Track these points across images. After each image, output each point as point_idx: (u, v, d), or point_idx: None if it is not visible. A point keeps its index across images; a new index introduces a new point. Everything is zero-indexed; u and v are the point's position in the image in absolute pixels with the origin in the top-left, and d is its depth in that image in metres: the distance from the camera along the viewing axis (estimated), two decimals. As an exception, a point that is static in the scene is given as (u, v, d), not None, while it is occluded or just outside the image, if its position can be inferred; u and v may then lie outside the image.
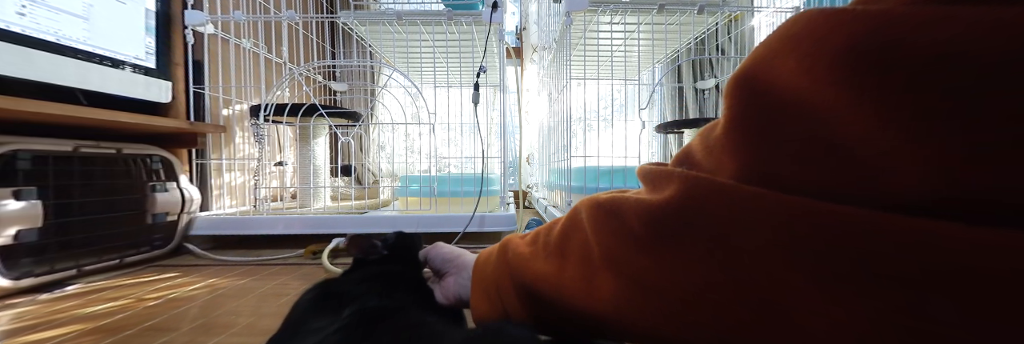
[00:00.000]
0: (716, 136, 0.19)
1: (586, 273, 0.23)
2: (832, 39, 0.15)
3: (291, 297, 0.63)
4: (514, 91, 2.05)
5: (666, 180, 0.21)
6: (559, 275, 0.25)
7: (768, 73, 0.17)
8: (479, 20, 1.11)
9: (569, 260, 0.25)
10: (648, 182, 0.23)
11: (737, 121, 0.18)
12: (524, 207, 1.99)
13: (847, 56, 0.14)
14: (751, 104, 0.18)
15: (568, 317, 0.25)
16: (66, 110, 0.69)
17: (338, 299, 0.31)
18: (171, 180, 0.92)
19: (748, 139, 0.18)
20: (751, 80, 0.18)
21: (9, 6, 0.67)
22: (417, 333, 0.26)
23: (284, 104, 1.05)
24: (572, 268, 0.25)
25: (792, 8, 1.23)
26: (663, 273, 0.19)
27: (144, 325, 0.51)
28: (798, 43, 0.16)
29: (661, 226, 0.20)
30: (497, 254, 0.32)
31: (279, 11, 1.44)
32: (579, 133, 1.53)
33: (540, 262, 0.27)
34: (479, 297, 0.32)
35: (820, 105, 0.15)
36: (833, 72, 0.15)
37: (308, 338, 0.27)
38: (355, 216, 1.04)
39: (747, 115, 0.18)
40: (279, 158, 1.43)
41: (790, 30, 0.17)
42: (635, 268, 0.21)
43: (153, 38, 0.94)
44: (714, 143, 0.20)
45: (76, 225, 0.73)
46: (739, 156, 0.18)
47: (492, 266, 0.32)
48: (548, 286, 0.26)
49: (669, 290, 0.19)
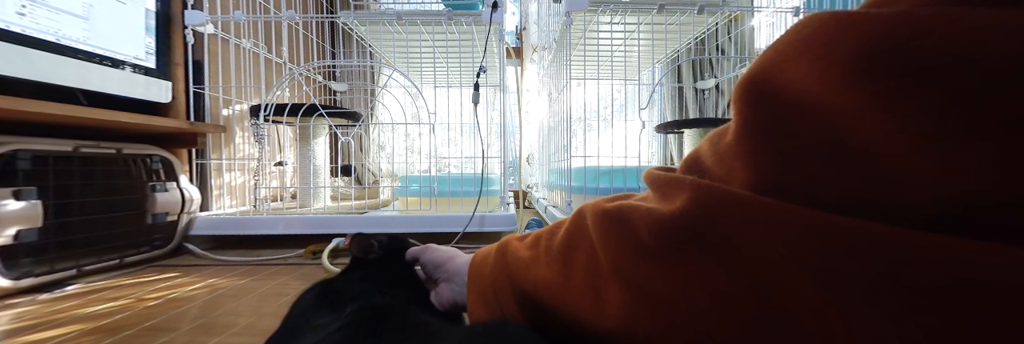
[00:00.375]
0: (727, 143, 0.19)
1: (593, 283, 0.23)
2: (845, 42, 0.15)
3: (291, 297, 0.63)
4: (514, 91, 2.05)
5: (677, 188, 0.20)
6: (565, 284, 0.25)
7: (779, 77, 0.17)
8: (479, 20, 1.11)
9: (574, 269, 0.24)
10: (657, 189, 0.22)
11: (749, 127, 0.18)
12: (524, 207, 1.99)
13: (861, 60, 0.14)
14: (762, 110, 0.17)
15: (570, 326, 0.25)
16: (66, 110, 0.69)
17: (339, 297, 0.31)
18: (171, 180, 0.92)
19: (760, 146, 0.17)
20: (761, 85, 0.17)
21: (9, 6, 0.67)
22: (419, 331, 0.26)
23: (284, 104, 1.05)
24: (578, 277, 0.24)
25: (792, 8, 1.23)
26: (673, 285, 0.19)
27: (144, 325, 0.52)
28: (809, 46, 0.16)
29: (672, 237, 0.19)
30: (495, 256, 0.31)
31: (279, 11, 1.44)
32: (579, 133, 1.53)
33: (542, 268, 0.26)
34: (476, 301, 0.31)
35: (834, 110, 0.15)
36: (847, 77, 0.14)
37: (310, 335, 0.27)
38: (355, 216, 1.04)
39: (758, 121, 0.17)
40: (279, 158, 1.43)
41: (800, 33, 0.16)
42: (644, 279, 0.20)
43: (153, 38, 0.94)
44: (725, 150, 0.19)
45: (76, 225, 0.73)
46: (751, 163, 0.17)
47: (490, 268, 0.31)
48: (551, 294, 0.25)
49: (679, 303, 0.19)
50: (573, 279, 0.24)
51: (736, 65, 1.66)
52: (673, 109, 1.93)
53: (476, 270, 0.32)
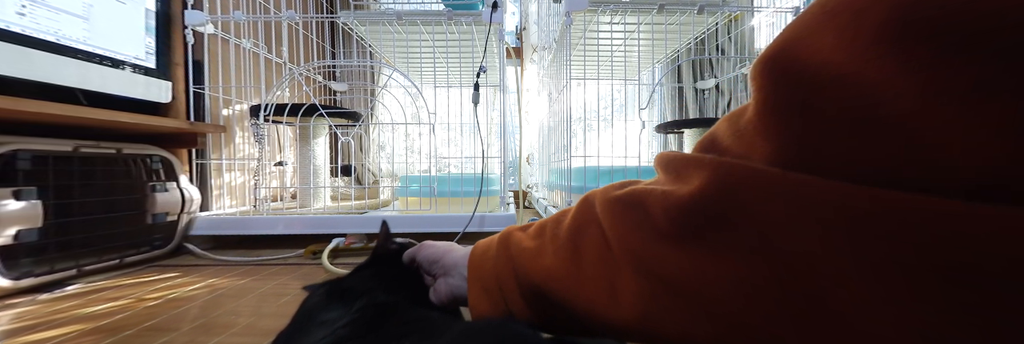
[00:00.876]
0: (748, 119, 0.18)
1: (606, 272, 0.22)
2: (877, 10, 0.14)
3: (291, 297, 0.63)
4: (514, 91, 2.05)
5: (694, 167, 0.19)
6: (576, 274, 0.23)
7: (802, 51, 0.16)
8: (479, 20, 1.11)
9: (584, 258, 0.23)
10: (671, 170, 0.21)
11: (771, 101, 0.17)
12: (524, 207, 1.99)
13: (895, 26, 0.13)
14: (785, 83, 0.16)
15: (581, 318, 0.24)
16: (66, 110, 0.69)
17: (348, 294, 0.32)
18: (171, 180, 0.92)
19: (784, 119, 0.16)
20: (783, 60, 0.16)
21: (9, 6, 0.67)
22: (419, 326, 0.27)
23: (284, 104, 1.05)
24: (590, 267, 0.23)
25: (792, 8, 1.23)
26: (695, 272, 0.18)
27: (144, 325, 0.52)
28: (835, 17, 0.15)
29: (690, 220, 0.18)
30: (497, 247, 0.29)
31: (279, 11, 1.44)
32: (579, 133, 1.53)
33: (549, 258, 0.25)
34: (478, 294, 0.29)
35: (864, 81, 0.14)
36: (878, 45, 0.14)
37: (318, 331, 0.28)
38: (355, 216, 1.04)
39: (781, 95, 0.16)
40: (279, 158, 1.43)
41: (826, 6, 0.16)
42: (662, 267, 0.19)
43: (153, 38, 0.94)
44: (745, 126, 0.18)
45: (76, 225, 0.73)
46: (774, 137, 0.16)
47: (492, 260, 0.29)
48: (561, 285, 0.24)
49: (701, 291, 0.18)
50: (584, 269, 0.23)
51: (736, 65, 1.66)
52: (673, 109, 1.93)
53: (477, 262, 0.30)
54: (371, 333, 0.26)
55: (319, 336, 0.27)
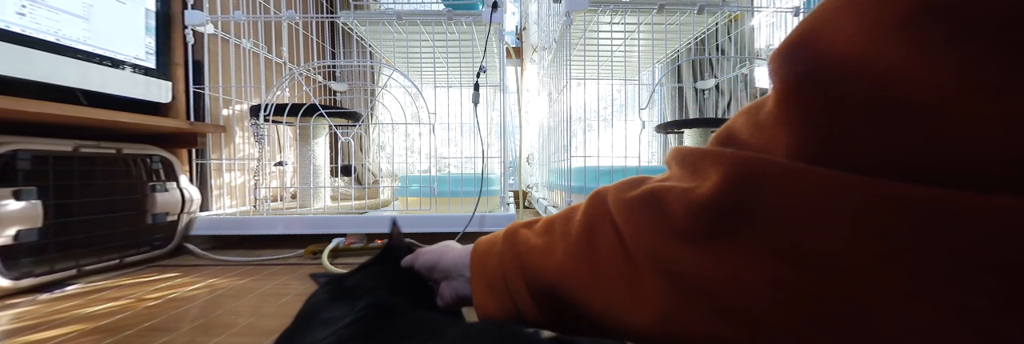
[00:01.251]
0: (768, 111, 0.17)
1: (623, 272, 0.21)
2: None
3: (291, 297, 0.63)
4: (514, 91, 2.05)
5: (712, 162, 0.18)
6: (591, 273, 0.22)
7: (821, 41, 0.16)
8: (479, 20, 1.11)
9: (599, 256, 0.22)
10: (687, 165, 0.20)
11: (791, 92, 0.16)
12: (524, 207, 1.99)
13: (917, 14, 0.13)
14: (806, 73, 0.16)
15: (595, 318, 0.23)
16: (66, 110, 0.69)
17: (352, 293, 0.32)
18: (171, 180, 0.92)
19: (807, 112, 0.16)
20: (804, 51, 0.16)
21: (9, 6, 0.67)
22: (422, 327, 0.27)
23: (284, 104, 1.05)
24: (606, 266, 0.22)
25: (792, 8, 1.23)
26: (717, 272, 0.17)
27: (144, 325, 0.52)
28: (855, 5, 0.15)
29: (711, 218, 0.17)
30: (503, 244, 0.28)
31: (279, 11, 1.44)
32: (579, 133, 1.53)
33: (560, 255, 0.24)
34: (483, 293, 0.28)
35: (887, 69, 0.14)
36: (901, 32, 0.13)
37: (321, 329, 0.28)
38: (355, 216, 1.04)
39: (802, 85, 0.16)
40: (279, 158, 1.43)
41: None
42: (682, 266, 0.18)
43: (153, 38, 0.94)
44: (765, 118, 0.17)
45: (76, 225, 0.73)
46: (797, 130, 0.16)
47: (497, 257, 0.28)
48: (575, 284, 0.23)
49: (724, 292, 0.17)
50: (599, 268, 0.22)
51: (736, 65, 1.66)
52: (673, 109, 1.93)
53: (480, 260, 0.29)
54: (374, 334, 0.26)
55: (322, 335, 0.27)
